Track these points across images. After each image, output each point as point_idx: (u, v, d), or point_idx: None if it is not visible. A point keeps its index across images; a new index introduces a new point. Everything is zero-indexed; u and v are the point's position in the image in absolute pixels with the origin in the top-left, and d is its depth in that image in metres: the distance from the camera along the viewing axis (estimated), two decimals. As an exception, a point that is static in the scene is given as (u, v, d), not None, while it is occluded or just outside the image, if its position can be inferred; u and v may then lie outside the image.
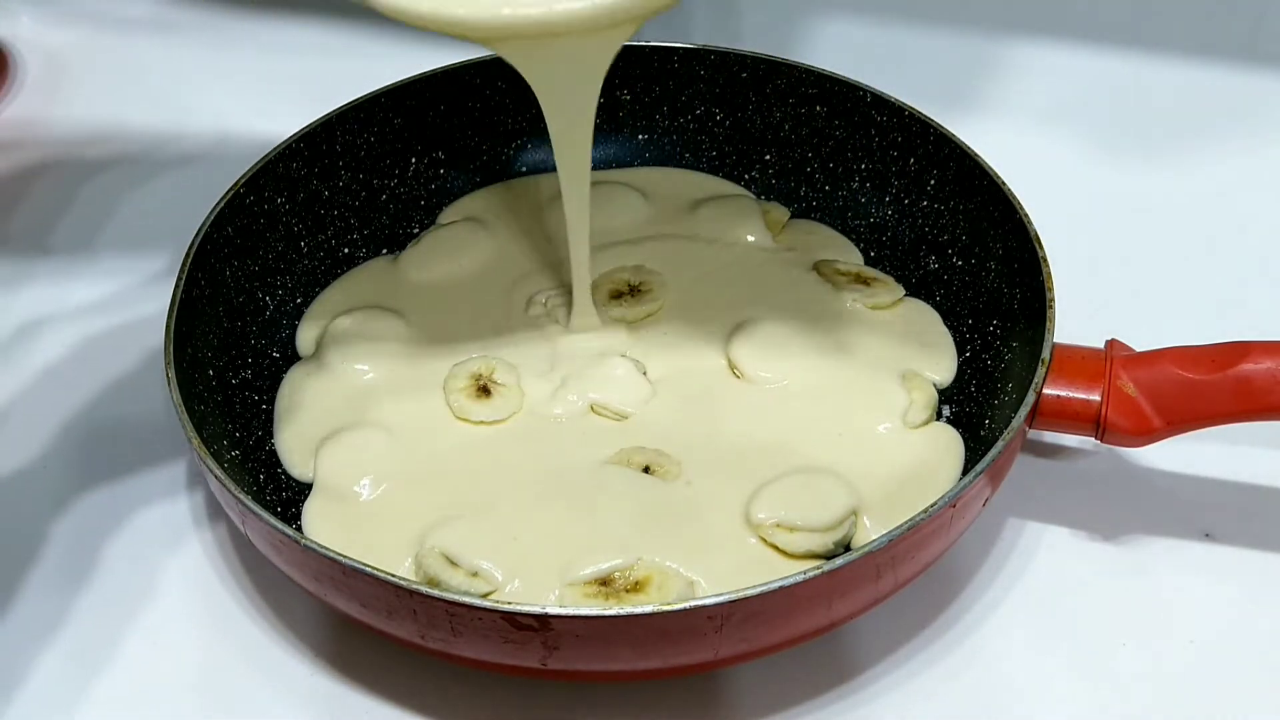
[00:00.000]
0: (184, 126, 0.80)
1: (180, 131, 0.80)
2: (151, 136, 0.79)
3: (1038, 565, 0.57)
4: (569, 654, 0.47)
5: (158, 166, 0.78)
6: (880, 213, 0.67)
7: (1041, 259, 0.57)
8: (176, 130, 0.80)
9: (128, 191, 0.76)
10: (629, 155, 0.71)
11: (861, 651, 0.54)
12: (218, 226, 0.60)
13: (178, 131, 0.80)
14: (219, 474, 0.50)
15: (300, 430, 0.58)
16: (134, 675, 0.54)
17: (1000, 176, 0.61)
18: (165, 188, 0.76)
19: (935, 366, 0.60)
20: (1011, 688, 0.53)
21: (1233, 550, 0.57)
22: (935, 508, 0.48)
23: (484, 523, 0.54)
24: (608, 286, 0.63)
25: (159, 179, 0.77)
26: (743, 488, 0.55)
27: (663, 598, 0.51)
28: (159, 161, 0.78)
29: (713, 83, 0.69)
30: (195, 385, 0.56)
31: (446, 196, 0.69)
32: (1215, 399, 0.53)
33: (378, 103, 0.67)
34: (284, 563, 0.50)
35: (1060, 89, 0.81)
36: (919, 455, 0.56)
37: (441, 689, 0.53)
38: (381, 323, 0.62)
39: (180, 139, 0.79)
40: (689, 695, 0.52)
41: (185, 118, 0.81)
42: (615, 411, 0.58)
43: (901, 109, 0.65)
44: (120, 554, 0.58)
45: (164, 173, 0.77)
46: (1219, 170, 0.76)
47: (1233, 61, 0.82)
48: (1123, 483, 0.60)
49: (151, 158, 0.78)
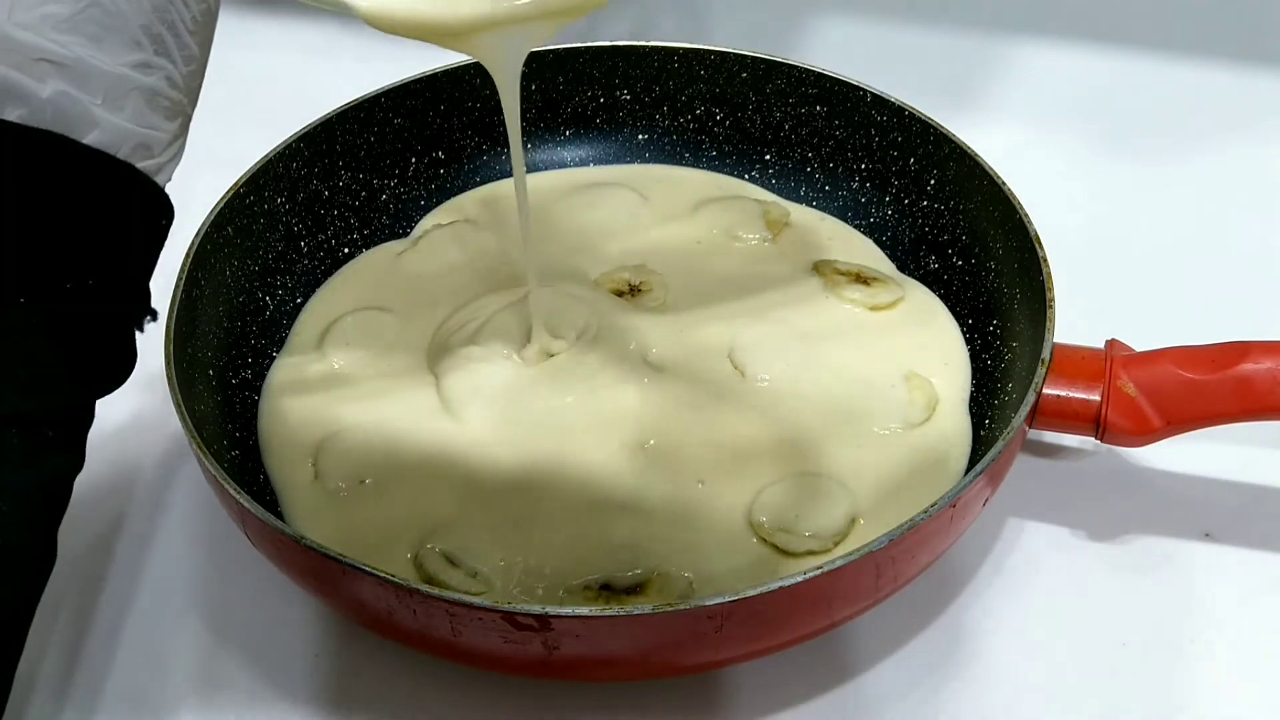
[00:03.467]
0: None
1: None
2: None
3: (1038, 565, 0.57)
4: (569, 654, 0.47)
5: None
6: (880, 213, 0.67)
7: (1041, 259, 0.57)
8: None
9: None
10: (629, 155, 0.71)
11: (861, 651, 0.54)
12: (218, 226, 0.60)
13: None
14: (219, 474, 0.50)
15: (293, 432, 0.58)
16: (133, 675, 0.54)
17: (1000, 176, 0.61)
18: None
19: (937, 367, 0.60)
20: (1011, 688, 0.53)
21: (1233, 550, 0.57)
22: (935, 508, 0.48)
23: (484, 522, 0.54)
24: (608, 286, 0.63)
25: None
26: (743, 488, 0.55)
27: (663, 598, 0.51)
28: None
29: (713, 83, 0.69)
30: (195, 385, 0.56)
31: (446, 196, 0.69)
32: (1215, 399, 0.53)
33: (378, 103, 0.67)
34: (284, 563, 0.50)
35: (1060, 89, 0.81)
36: (919, 456, 0.56)
37: (441, 689, 0.53)
38: (377, 321, 0.62)
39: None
40: (689, 695, 0.52)
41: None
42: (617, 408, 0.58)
43: (901, 109, 0.65)
44: (119, 553, 0.58)
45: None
46: (1219, 170, 0.76)
47: (1233, 61, 0.82)
48: (1123, 483, 0.60)
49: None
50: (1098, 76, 0.82)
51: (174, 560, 0.58)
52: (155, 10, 0.41)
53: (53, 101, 0.40)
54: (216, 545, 0.58)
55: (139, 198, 0.43)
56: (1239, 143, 0.77)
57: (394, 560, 0.53)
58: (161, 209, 0.44)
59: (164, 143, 0.43)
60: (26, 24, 0.39)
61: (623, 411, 0.58)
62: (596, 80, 0.70)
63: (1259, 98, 0.80)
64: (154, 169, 0.43)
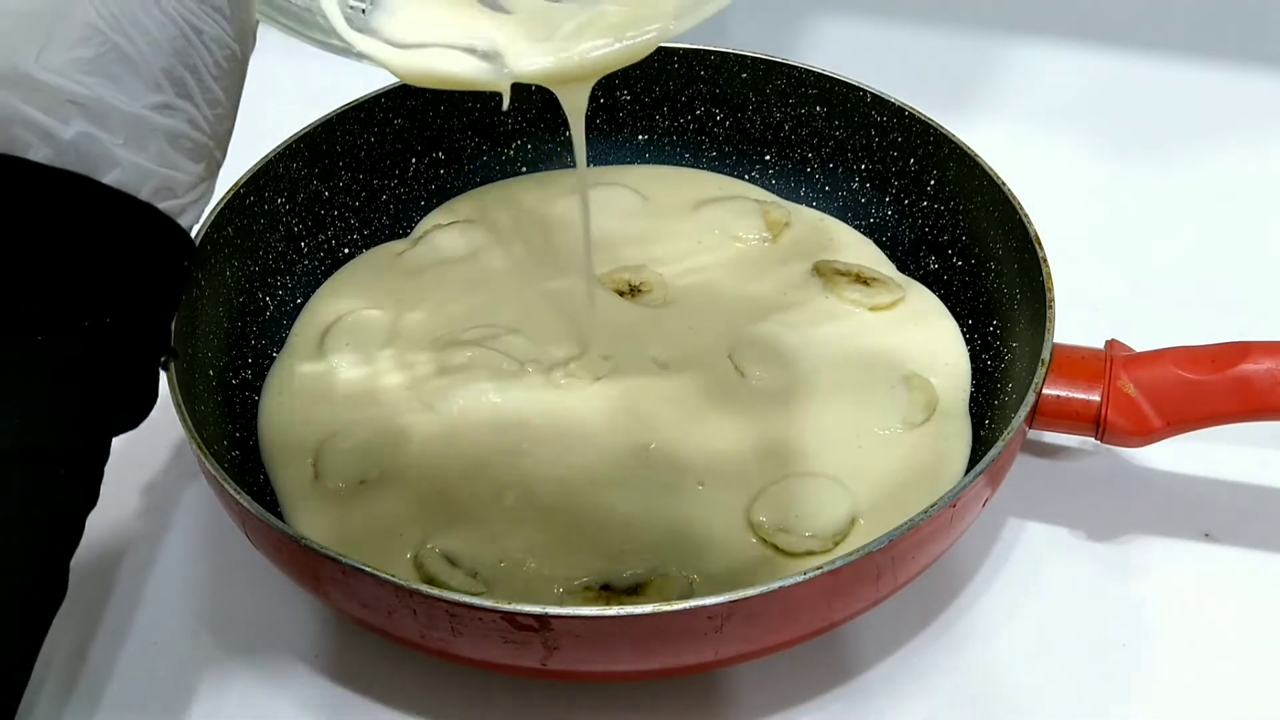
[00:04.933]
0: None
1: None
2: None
3: (1038, 565, 0.57)
4: (569, 654, 0.47)
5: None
6: (880, 213, 0.67)
7: (1041, 259, 0.57)
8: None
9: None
10: (629, 155, 0.71)
11: (861, 651, 0.54)
12: (218, 226, 0.60)
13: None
14: (219, 474, 0.50)
15: (294, 432, 0.58)
16: (135, 675, 0.54)
17: (1000, 176, 0.61)
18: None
19: (937, 367, 0.60)
20: (1011, 688, 0.53)
21: (1233, 550, 0.57)
22: (935, 508, 0.48)
23: (484, 522, 0.54)
24: (609, 286, 0.63)
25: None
26: (744, 488, 0.55)
27: (663, 598, 0.51)
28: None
29: (713, 83, 0.69)
30: (195, 385, 0.56)
31: (446, 196, 0.70)
32: (1215, 399, 0.53)
33: (378, 103, 0.67)
34: (284, 563, 0.50)
35: (1060, 89, 0.81)
36: (919, 456, 0.56)
37: (441, 689, 0.53)
38: (378, 322, 0.62)
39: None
40: (689, 695, 0.52)
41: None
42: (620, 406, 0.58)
43: (901, 109, 0.65)
44: (119, 554, 0.58)
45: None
46: (1219, 170, 0.76)
47: (1233, 61, 0.82)
48: (1123, 483, 0.60)
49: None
50: (1098, 76, 0.82)
51: (174, 560, 0.58)
52: (176, 54, 0.41)
53: (75, 143, 0.40)
54: (217, 545, 0.58)
55: (159, 238, 0.43)
56: (1239, 143, 0.77)
57: (394, 560, 0.53)
58: (184, 249, 0.44)
59: (187, 185, 0.43)
60: (53, 67, 0.40)
61: (623, 413, 0.58)
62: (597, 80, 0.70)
63: (1259, 98, 0.80)
64: (177, 210, 0.43)
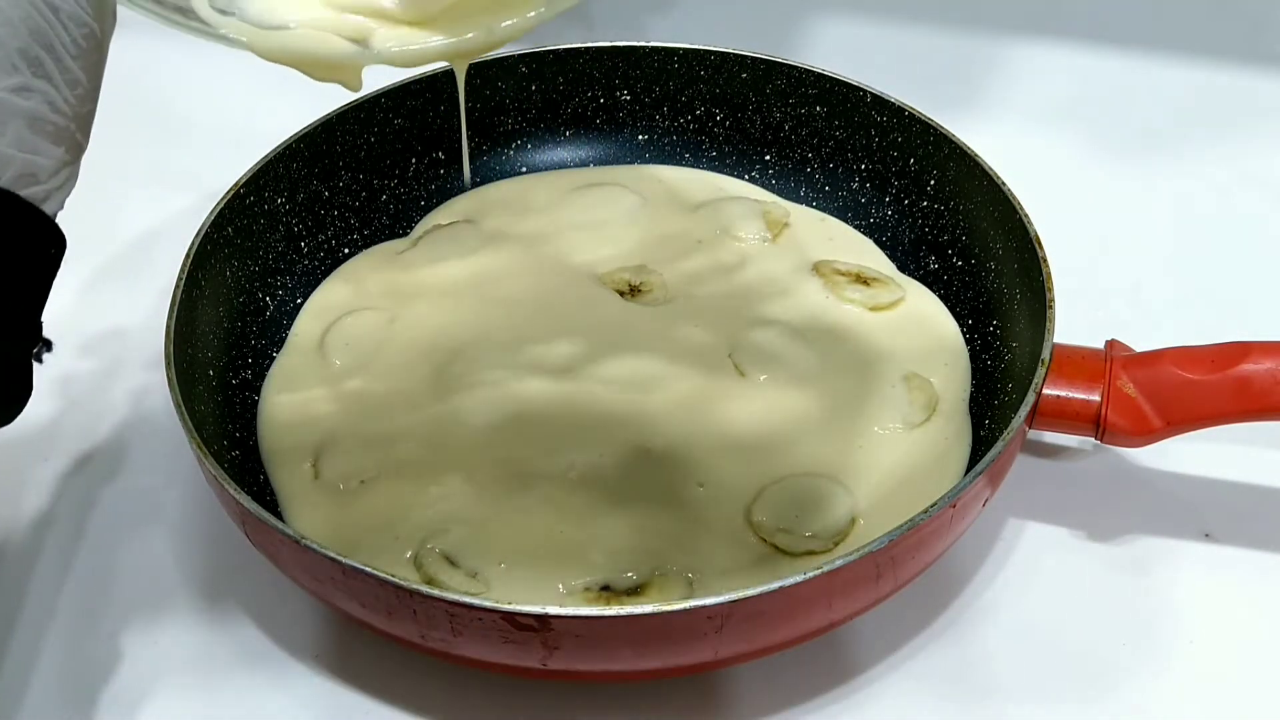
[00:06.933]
0: (184, 126, 0.80)
1: (180, 131, 0.80)
2: (151, 136, 0.79)
3: (1038, 565, 0.57)
4: (569, 654, 0.47)
5: (157, 166, 0.78)
6: (880, 213, 0.67)
7: (1041, 259, 0.57)
8: (176, 130, 0.80)
9: (128, 192, 0.75)
10: (629, 155, 0.71)
11: (861, 651, 0.54)
12: (218, 226, 0.60)
13: (178, 131, 0.80)
14: (219, 474, 0.50)
15: (294, 432, 0.58)
16: (133, 675, 0.54)
17: (1000, 176, 0.61)
18: (165, 187, 0.76)
19: (937, 367, 0.60)
20: (1011, 688, 0.53)
21: (1233, 550, 0.57)
22: (935, 508, 0.48)
23: (484, 523, 0.54)
24: (609, 286, 0.63)
25: (159, 179, 0.77)
26: (744, 488, 0.55)
27: (663, 598, 0.51)
28: (158, 161, 0.78)
29: (713, 83, 0.69)
30: (195, 385, 0.56)
31: (446, 196, 0.69)
32: (1215, 399, 0.53)
33: (378, 103, 0.67)
34: (284, 563, 0.50)
35: (1060, 89, 0.81)
36: (919, 456, 0.56)
37: (441, 689, 0.53)
38: (377, 321, 0.62)
39: (180, 139, 0.79)
40: (689, 695, 0.52)
41: (185, 118, 0.81)
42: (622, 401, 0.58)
43: (901, 109, 0.65)
44: (119, 554, 0.58)
45: (164, 173, 0.77)
46: (1219, 170, 0.76)
47: (1233, 61, 0.82)
48: (1123, 483, 0.60)
49: (151, 158, 0.78)
50: (1098, 76, 0.82)
51: (174, 560, 0.58)
52: (32, 33, 0.40)
53: None
54: (216, 545, 0.58)
55: (22, 226, 0.41)
56: (1239, 143, 0.77)
57: (394, 560, 0.53)
58: (50, 238, 0.42)
59: (50, 170, 0.41)
60: None
61: (623, 413, 0.58)
62: (596, 80, 0.70)
63: (1259, 98, 0.80)
64: (40, 196, 0.41)
